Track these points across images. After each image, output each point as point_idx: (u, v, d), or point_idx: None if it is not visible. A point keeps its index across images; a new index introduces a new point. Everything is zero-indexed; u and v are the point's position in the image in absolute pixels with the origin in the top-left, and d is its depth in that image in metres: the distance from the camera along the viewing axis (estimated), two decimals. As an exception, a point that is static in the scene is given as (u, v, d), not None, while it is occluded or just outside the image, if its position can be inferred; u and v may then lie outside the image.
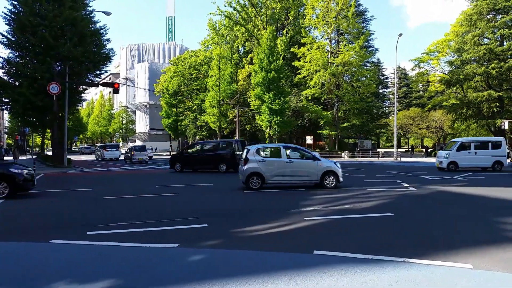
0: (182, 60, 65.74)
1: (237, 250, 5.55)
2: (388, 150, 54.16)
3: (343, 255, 5.09)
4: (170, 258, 5.15)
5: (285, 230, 6.85)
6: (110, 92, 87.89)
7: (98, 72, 30.36)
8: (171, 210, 9.36)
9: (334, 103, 45.42)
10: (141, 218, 7.94)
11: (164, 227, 7.03)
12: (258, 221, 7.58)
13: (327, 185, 12.99)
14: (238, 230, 6.88)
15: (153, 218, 7.92)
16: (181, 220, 7.77)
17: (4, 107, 30.00)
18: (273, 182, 13.23)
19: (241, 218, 8.09)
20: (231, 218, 8.20)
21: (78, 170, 24.94)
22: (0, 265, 4.90)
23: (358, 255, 5.06)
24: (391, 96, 66.36)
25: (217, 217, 8.27)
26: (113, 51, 29.92)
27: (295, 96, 48.50)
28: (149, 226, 7.14)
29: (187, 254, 5.37)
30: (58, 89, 24.08)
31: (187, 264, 4.91)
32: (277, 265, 4.75)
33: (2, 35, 25.94)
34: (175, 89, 61.04)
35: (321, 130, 47.29)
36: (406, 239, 6.28)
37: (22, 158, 49.40)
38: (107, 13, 26.35)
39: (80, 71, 27.99)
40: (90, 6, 29.02)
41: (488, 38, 37.57)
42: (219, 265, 4.79)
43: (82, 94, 33.60)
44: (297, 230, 6.91)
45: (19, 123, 47.39)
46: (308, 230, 6.96)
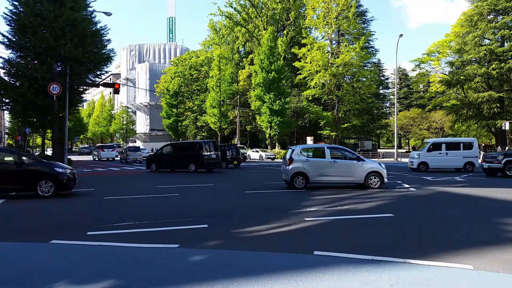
0: (182, 60, 65.79)
1: (237, 250, 5.55)
2: (388, 151, 54.17)
3: (344, 256, 5.09)
4: (171, 258, 5.15)
5: (285, 231, 6.85)
6: (110, 92, 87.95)
7: (98, 72, 30.37)
8: (172, 210, 9.36)
9: (335, 104, 45.43)
10: (141, 219, 7.94)
11: (164, 228, 7.04)
12: (259, 221, 7.58)
13: (372, 185, 12.99)
14: (238, 231, 6.89)
15: (153, 219, 7.93)
16: (181, 220, 7.77)
17: (4, 108, 29.99)
18: (317, 182, 13.33)
19: (241, 219, 8.09)
20: (232, 218, 8.20)
21: (78, 171, 24.94)
22: (0, 265, 4.90)
23: (358, 256, 5.06)
24: (392, 96, 66.36)
25: (217, 217, 8.27)
26: (113, 52, 29.94)
27: (296, 96, 48.52)
28: (149, 227, 7.14)
29: (188, 254, 5.37)
30: (59, 89, 24.08)
31: (188, 264, 4.92)
32: (277, 265, 4.75)
33: (3, 36, 25.96)
34: (176, 89, 61.09)
35: (321, 131, 47.28)
36: (407, 240, 6.28)
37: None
38: (108, 13, 26.36)
39: (80, 72, 28.00)
40: (91, 7, 29.04)
41: (488, 39, 37.56)
42: (220, 265, 4.80)
43: (83, 95, 33.58)
44: (297, 230, 6.91)
45: (20, 124, 47.39)
46: (308, 230, 6.96)
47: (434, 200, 10.97)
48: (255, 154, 42.29)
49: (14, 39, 26.36)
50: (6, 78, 27.37)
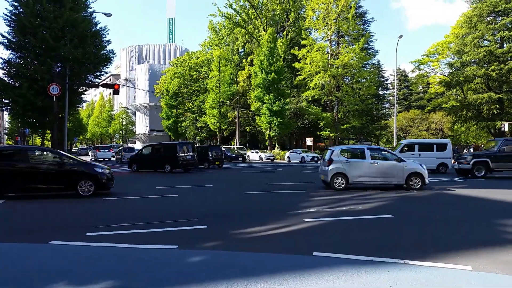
0: (182, 61, 65.82)
1: (236, 251, 5.55)
2: (388, 152, 53.92)
3: (343, 257, 5.09)
4: (170, 259, 5.15)
5: (284, 232, 6.86)
6: (110, 93, 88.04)
7: (98, 73, 30.39)
8: (170, 211, 9.36)
9: (334, 105, 45.45)
10: (140, 219, 7.94)
11: (163, 228, 7.04)
12: (258, 222, 7.58)
13: (413, 186, 12.92)
14: (237, 232, 6.89)
15: (152, 219, 7.92)
16: (180, 221, 7.77)
17: (4, 108, 29.99)
18: (356, 183, 13.31)
19: (240, 220, 8.09)
20: (231, 219, 8.20)
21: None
22: (-1, 266, 4.90)
23: (357, 257, 5.06)
24: (391, 97, 66.40)
25: (216, 218, 8.27)
26: (113, 53, 29.96)
27: (295, 97, 48.55)
28: (148, 228, 7.14)
29: (187, 255, 5.37)
30: (58, 90, 24.08)
31: (187, 265, 4.92)
32: (276, 266, 4.75)
33: (3, 36, 25.97)
34: (175, 90, 61.08)
35: (321, 132, 47.31)
36: (406, 241, 6.28)
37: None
38: (108, 14, 26.38)
39: (80, 72, 28.01)
40: (91, 8, 29.06)
41: (488, 40, 37.62)
42: (219, 266, 4.80)
43: (82, 95, 33.58)
44: (296, 231, 6.91)
45: (19, 124, 47.44)
46: (307, 231, 6.96)
47: (433, 201, 10.98)
48: (255, 155, 42.28)
49: (13, 40, 26.37)
50: (5, 79, 27.35)
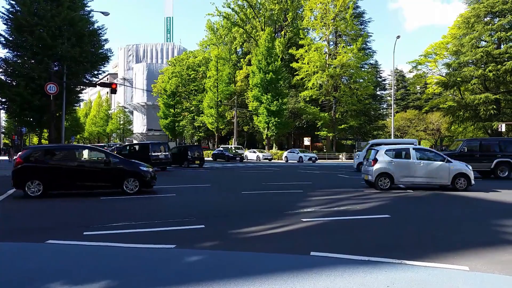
0: (180, 60, 65.73)
1: (234, 251, 5.55)
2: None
3: (340, 257, 5.09)
4: (167, 259, 5.14)
5: (282, 232, 6.86)
6: (107, 92, 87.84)
7: (95, 72, 30.30)
8: (169, 210, 9.35)
9: (332, 105, 45.52)
10: (138, 219, 7.93)
11: (161, 228, 7.02)
12: (255, 222, 7.58)
13: (459, 187, 12.80)
14: (235, 231, 6.88)
15: (149, 219, 7.91)
16: (178, 221, 7.76)
17: (1, 107, 29.89)
18: (401, 183, 13.21)
19: (238, 219, 8.08)
20: (228, 219, 8.19)
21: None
22: (-4, 265, 4.88)
23: (355, 257, 5.07)
24: (389, 98, 66.54)
25: (214, 218, 8.26)
26: (111, 51, 29.89)
27: (293, 97, 48.60)
28: (146, 227, 7.13)
29: (184, 255, 5.36)
30: (56, 89, 24.00)
31: (184, 265, 4.91)
32: (274, 266, 4.75)
33: (0, 35, 25.88)
34: (173, 89, 61.01)
35: (318, 132, 47.39)
36: (403, 241, 6.29)
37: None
38: (105, 13, 26.29)
39: (77, 71, 27.93)
40: (88, 6, 28.99)
41: (485, 41, 37.76)
42: (216, 266, 4.79)
43: (80, 94, 33.50)
44: (294, 231, 6.91)
45: (16, 123, 47.24)
46: (305, 231, 6.96)
47: (430, 201, 11.01)
48: (252, 155, 42.28)
49: (11, 38, 26.27)
50: (2, 77, 27.24)
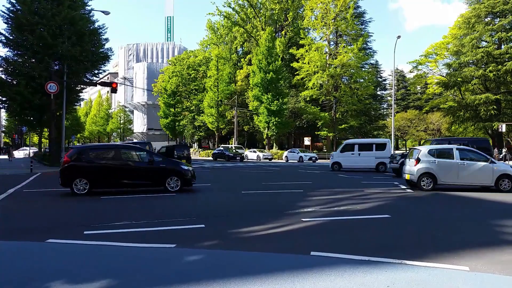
0: (180, 60, 65.72)
1: (234, 251, 5.54)
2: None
3: (340, 257, 5.09)
4: (167, 258, 5.14)
5: (282, 231, 6.85)
6: (108, 91, 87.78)
7: (96, 71, 30.36)
8: (168, 210, 9.35)
9: (332, 105, 45.51)
10: (138, 218, 7.93)
11: (161, 227, 7.02)
12: (255, 222, 7.58)
13: (503, 189, 12.66)
14: (235, 231, 6.88)
15: (150, 218, 7.91)
16: (178, 220, 7.76)
17: (1, 106, 29.93)
18: (444, 184, 13.11)
19: (238, 219, 8.08)
20: (229, 219, 8.19)
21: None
22: (-4, 264, 4.88)
23: (355, 257, 5.07)
24: (389, 98, 66.53)
25: (214, 217, 8.26)
26: (111, 51, 29.94)
27: (293, 97, 48.58)
28: (146, 226, 7.13)
29: (184, 254, 5.36)
30: (56, 88, 24.02)
31: (184, 264, 4.91)
32: (274, 266, 4.75)
33: (1, 34, 25.89)
34: (173, 89, 60.99)
35: (319, 131, 47.38)
36: (403, 241, 6.29)
37: (19, 157, 49.22)
38: (106, 12, 26.30)
39: (78, 70, 27.97)
40: (89, 5, 29.09)
41: (486, 41, 37.74)
42: (216, 265, 4.79)
43: (80, 93, 33.56)
44: (294, 231, 6.91)
45: (17, 122, 47.28)
46: (305, 231, 6.96)
47: (431, 201, 11.00)
48: (253, 154, 42.27)
49: (11, 37, 26.30)
50: (3, 76, 27.29)
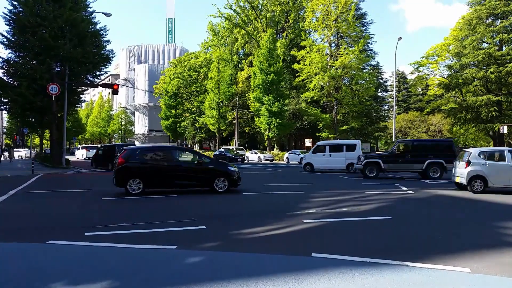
0: (181, 61, 65.81)
1: (235, 252, 5.55)
2: (386, 154, 53.93)
3: (341, 258, 5.09)
4: (168, 259, 5.14)
5: (283, 233, 6.85)
6: (109, 93, 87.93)
7: (97, 73, 30.40)
8: (169, 211, 9.36)
9: (333, 106, 45.47)
10: (139, 219, 7.93)
11: (162, 229, 7.03)
12: (256, 223, 7.57)
13: None
14: (236, 232, 6.88)
15: (151, 220, 7.92)
16: (179, 221, 7.76)
17: (3, 107, 29.97)
18: (496, 187, 12.95)
19: (239, 221, 8.08)
20: (229, 220, 8.19)
21: (76, 171, 24.91)
22: (-3, 265, 4.88)
23: (356, 258, 5.06)
24: (390, 99, 66.49)
25: (215, 219, 8.26)
26: (113, 52, 30.00)
27: (294, 98, 48.57)
28: (147, 228, 7.13)
29: (185, 255, 5.36)
30: (58, 89, 24.07)
31: (186, 265, 4.91)
32: (275, 267, 4.75)
33: (2, 35, 25.96)
34: (175, 90, 61.07)
35: (320, 133, 47.29)
36: (404, 242, 6.28)
37: (19, 158, 49.30)
38: (108, 14, 26.38)
39: (79, 72, 28.01)
40: (91, 7, 29.12)
41: (487, 43, 37.70)
42: (217, 267, 4.79)
43: (81, 95, 33.59)
44: (295, 232, 6.91)
45: (18, 123, 47.35)
46: (306, 232, 6.96)
47: (432, 203, 10.98)
48: (254, 156, 42.26)
49: (13, 39, 26.37)
50: (5, 78, 27.35)
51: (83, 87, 33.09)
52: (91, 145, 65.27)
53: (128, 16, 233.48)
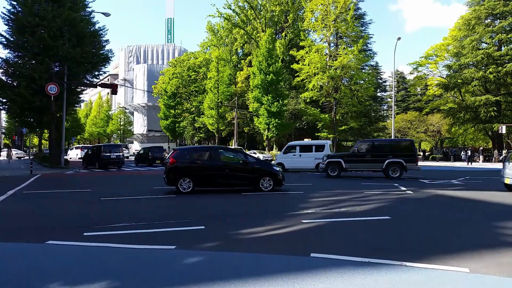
0: (180, 61, 65.76)
1: (234, 252, 5.55)
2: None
3: (340, 258, 5.09)
4: (167, 259, 5.14)
5: (282, 233, 6.86)
6: (108, 93, 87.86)
7: (96, 73, 30.38)
8: (168, 211, 9.35)
9: (332, 106, 45.47)
10: (138, 220, 7.93)
11: (161, 229, 7.03)
12: (256, 223, 7.58)
13: None
14: (235, 232, 6.88)
15: (150, 220, 7.91)
16: (178, 222, 7.76)
17: (2, 107, 29.95)
18: None
19: (238, 221, 8.08)
20: (229, 220, 8.20)
21: (75, 171, 24.87)
22: (-4, 265, 4.88)
23: (355, 258, 5.07)
24: (389, 99, 66.48)
25: (214, 219, 8.26)
26: (111, 52, 29.96)
27: (294, 98, 48.57)
28: (146, 228, 7.13)
29: (184, 256, 5.36)
30: (56, 89, 24.05)
31: (185, 266, 4.91)
32: (274, 267, 4.75)
33: (1, 35, 25.91)
34: (174, 90, 61.01)
35: (319, 133, 47.31)
36: (403, 243, 6.29)
37: (17, 158, 49.20)
38: (107, 14, 26.35)
39: (78, 72, 27.99)
40: (90, 7, 29.10)
41: (486, 43, 37.77)
42: (216, 267, 4.79)
43: (80, 95, 33.57)
44: (294, 232, 6.91)
45: (17, 123, 47.31)
46: (305, 232, 6.96)
47: (431, 203, 10.99)
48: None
49: (12, 39, 26.33)
50: (3, 78, 27.30)
51: (82, 87, 33.04)
52: (85, 145, 65.22)
53: (127, 16, 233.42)
